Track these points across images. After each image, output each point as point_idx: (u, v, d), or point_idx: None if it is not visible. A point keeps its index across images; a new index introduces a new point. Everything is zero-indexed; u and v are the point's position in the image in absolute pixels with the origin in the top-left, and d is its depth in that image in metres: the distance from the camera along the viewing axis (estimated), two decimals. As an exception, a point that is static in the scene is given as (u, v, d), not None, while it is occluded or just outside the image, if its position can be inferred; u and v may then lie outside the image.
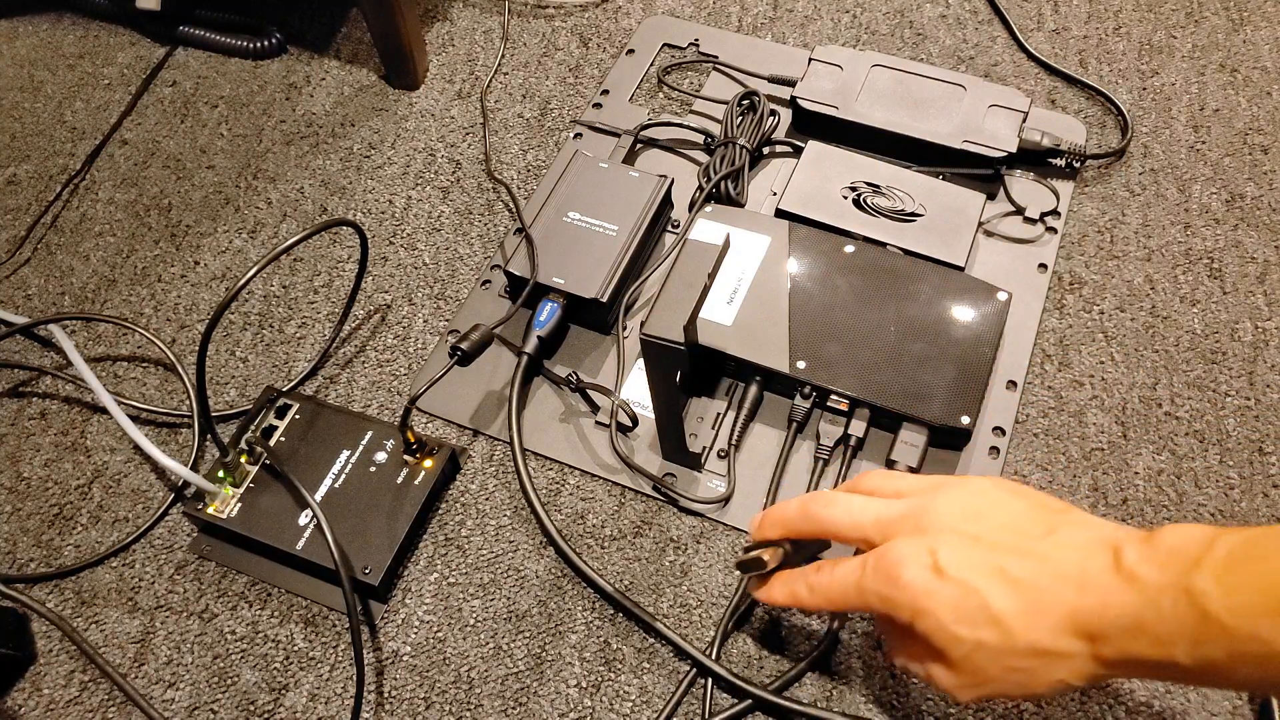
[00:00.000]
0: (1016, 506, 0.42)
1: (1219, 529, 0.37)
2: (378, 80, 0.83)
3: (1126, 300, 0.66)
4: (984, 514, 0.42)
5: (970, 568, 0.40)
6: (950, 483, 0.44)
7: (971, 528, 0.41)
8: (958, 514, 0.42)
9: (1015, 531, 0.41)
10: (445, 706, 0.54)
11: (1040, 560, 0.40)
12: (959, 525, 0.42)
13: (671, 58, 0.82)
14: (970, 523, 0.42)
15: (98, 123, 0.82)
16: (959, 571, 0.40)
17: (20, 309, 0.71)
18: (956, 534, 0.41)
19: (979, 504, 0.42)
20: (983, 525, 0.41)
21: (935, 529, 0.42)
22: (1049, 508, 0.42)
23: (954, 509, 0.42)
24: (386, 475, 0.60)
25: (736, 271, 0.64)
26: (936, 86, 0.72)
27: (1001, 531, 0.41)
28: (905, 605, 0.41)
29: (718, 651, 0.54)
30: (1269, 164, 0.72)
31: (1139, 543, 0.38)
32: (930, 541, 0.41)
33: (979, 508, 0.42)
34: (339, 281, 0.71)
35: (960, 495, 0.43)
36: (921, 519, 0.42)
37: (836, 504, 0.45)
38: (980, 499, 0.43)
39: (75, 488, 0.63)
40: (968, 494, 0.43)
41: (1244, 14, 0.81)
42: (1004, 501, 0.42)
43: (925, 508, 0.43)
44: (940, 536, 0.41)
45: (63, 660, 0.57)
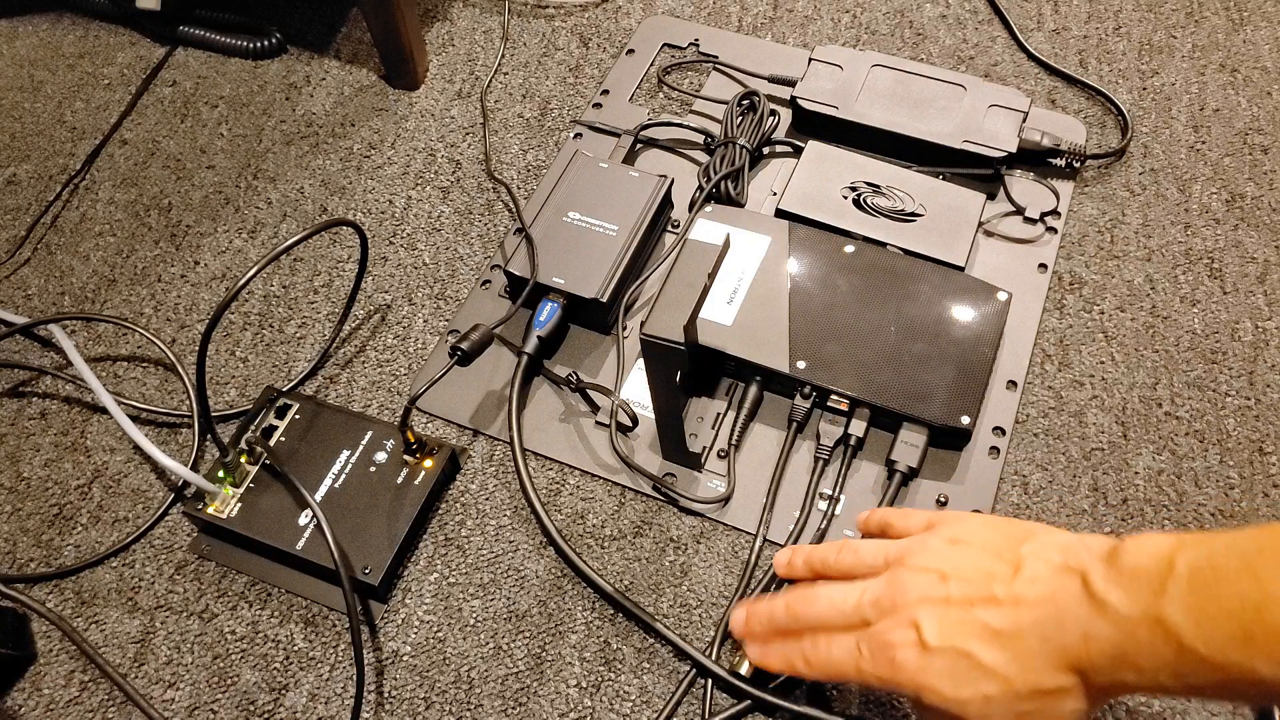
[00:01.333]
0: (974, 555, 0.43)
1: (1178, 539, 0.37)
2: (378, 80, 0.83)
3: (1126, 300, 0.66)
4: (949, 571, 0.43)
5: (952, 634, 0.41)
6: (911, 546, 0.45)
7: (940, 590, 0.42)
8: (925, 581, 0.43)
9: (983, 579, 0.42)
10: (445, 706, 0.54)
11: (1014, 605, 0.40)
12: (929, 592, 0.42)
13: (671, 58, 0.82)
14: (939, 585, 0.42)
15: (98, 123, 0.82)
16: (944, 641, 0.41)
17: (20, 309, 0.71)
18: (930, 602, 0.42)
19: (942, 562, 0.43)
20: (951, 585, 0.42)
21: (910, 604, 0.43)
22: (1007, 542, 0.42)
23: (919, 578, 0.43)
24: (386, 475, 0.60)
25: (736, 271, 0.64)
26: (936, 86, 0.72)
27: (969, 585, 0.42)
28: (907, 686, 0.42)
29: (718, 651, 0.54)
30: (1269, 164, 0.72)
31: (1102, 563, 0.38)
32: (910, 616, 0.42)
33: (943, 566, 0.43)
34: (339, 281, 0.71)
35: (924, 559, 0.44)
36: (896, 596, 0.44)
37: (819, 601, 0.46)
38: (942, 556, 0.43)
39: (75, 488, 0.63)
40: (930, 555, 0.44)
41: (1244, 14, 0.81)
42: (964, 551, 0.43)
43: (897, 583, 0.44)
44: (918, 610, 0.42)
45: (63, 660, 0.57)
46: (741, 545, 0.58)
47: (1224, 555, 0.35)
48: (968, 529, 0.44)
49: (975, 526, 0.44)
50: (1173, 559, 0.36)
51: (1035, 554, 0.41)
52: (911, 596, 0.43)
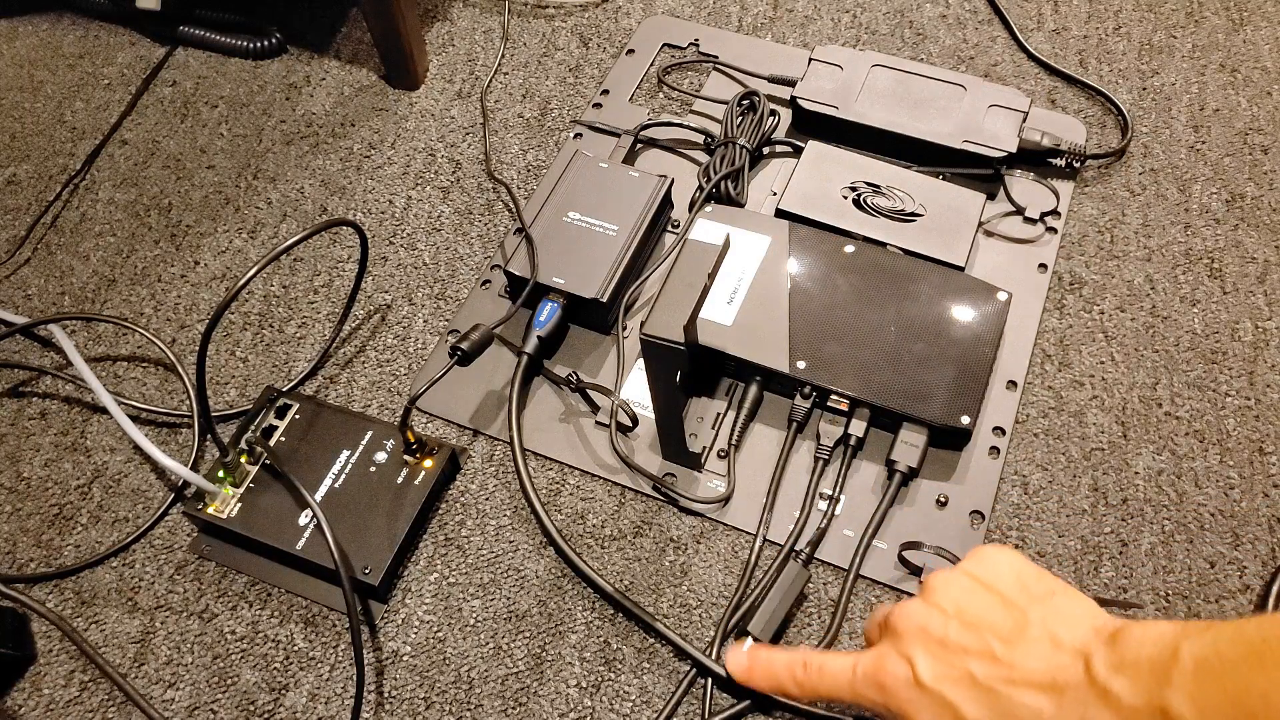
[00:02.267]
0: (985, 602, 0.42)
1: (1181, 628, 0.36)
2: (378, 80, 0.83)
3: (1126, 300, 0.66)
4: (954, 612, 0.42)
5: (943, 678, 0.41)
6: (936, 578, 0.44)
7: (940, 629, 0.42)
8: (929, 616, 0.43)
9: (982, 631, 0.41)
10: (445, 706, 0.54)
11: (1009, 668, 0.40)
12: (930, 627, 0.42)
13: (671, 58, 0.82)
14: (940, 623, 0.42)
15: (98, 123, 0.82)
16: (934, 683, 0.41)
17: (20, 309, 0.71)
18: (926, 639, 0.42)
19: (955, 600, 0.43)
20: (950, 627, 0.42)
21: (909, 633, 0.43)
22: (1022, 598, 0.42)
23: (927, 612, 0.43)
24: (386, 475, 0.60)
25: (736, 271, 0.64)
26: (936, 86, 0.72)
27: (969, 634, 0.41)
28: (896, 712, 0.43)
29: (718, 651, 0.54)
30: (1269, 164, 0.72)
31: (1105, 647, 0.38)
32: (907, 648, 0.42)
33: (953, 604, 0.43)
34: (339, 281, 0.71)
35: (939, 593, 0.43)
36: (898, 621, 0.44)
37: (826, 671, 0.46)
38: (957, 592, 0.43)
39: (75, 488, 0.63)
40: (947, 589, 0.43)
41: (1244, 14, 0.81)
42: (978, 595, 0.42)
43: (905, 610, 0.44)
44: (913, 644, 0.42)
45: (63, 660, 0.57)
46: (741, 545, 0.58)
47: (1229, 645, 0.34)
48: (995, 570, 0.43)
49: (1003, 569, 0.43)
50: (1177, 648, 0.35)
51: (1042, 621, 0.40)
52: (911, 625, 0.43)
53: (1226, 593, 0.55)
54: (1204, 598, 0.55)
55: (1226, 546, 0.57)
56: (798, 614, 0.56)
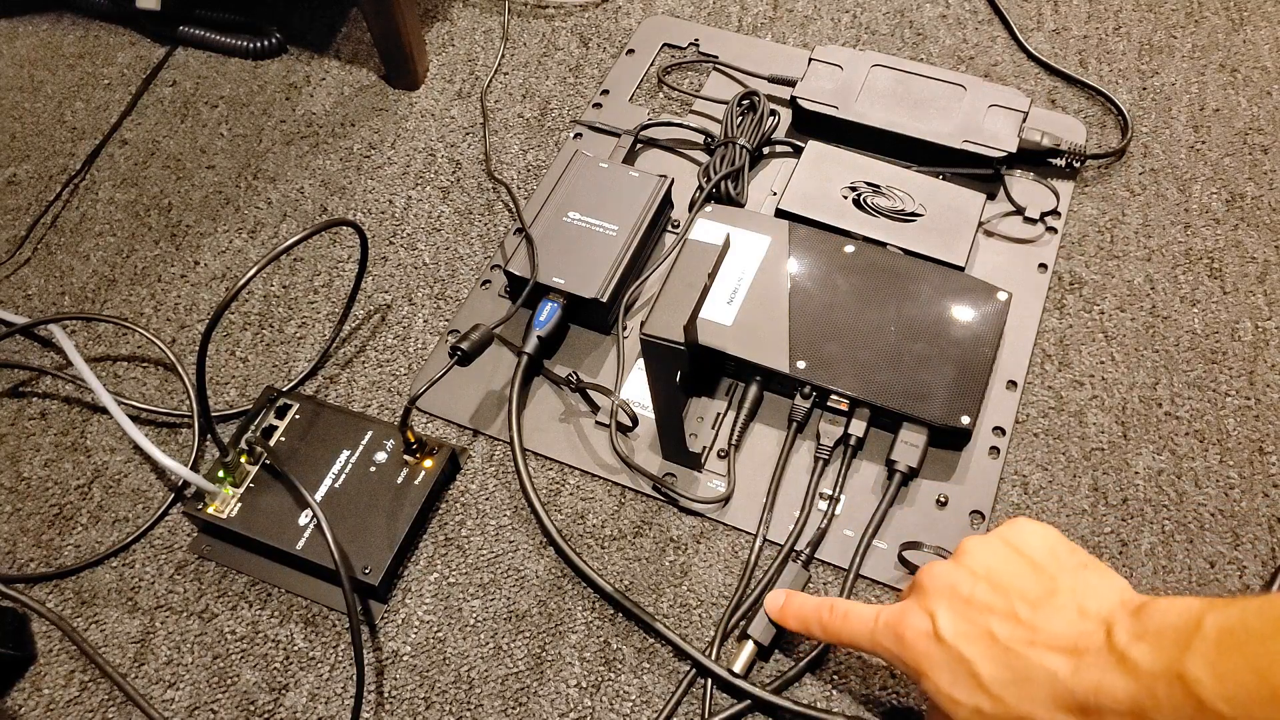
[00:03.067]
0: (1015, 565, 0.42)
1: (1208, 602, 0.36)
2: (378, 80, 0.83)
3: (1126, 300, 0.66)
4: (984, 573, 0.42)
5: (963, 635, 0.41)
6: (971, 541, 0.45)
7: (967, 587, 0.42)
8: (958, 575, 0.43)
9: (1010, 594, 0.41)
10: (445, 706, 0.54)
11: (1029, 629, 0.40)
12: (957, 585, 0.43)
13: (671, 58, 0.82)
14: (967, 582, 0.42)
15: (98, 123, 0.82)
16: (953, 638, 0.41)
17: (20, 309, 0.71)
18: (952, 597, 0.42)
19: (984, 561, 0.43)
20: (978, 587, 0.42)
21: (935, 590, 0.43)
22: (1053, 566, 0.42)
23: (955, 571, 0.43)
24: (386, 475, 0.60)
25: (736, 271, 0.64)
26: (936, 86, 0.72)
27: (995, 594, 0.42)
28: (910, 665, 0.43)
29: (717, 651, 0.54)
30: (1269, 164, 0.72)
31: (1129, 617, 0.38)
32: (930, 604, 0.43)
33: (982, 566, 0.43)
34: (339, 281, 0.71)
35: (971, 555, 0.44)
36: (926, 580, 0.44)
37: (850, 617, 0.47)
38: (988, 555, 0.43)
39: (75, 488, 0.63)
40: (978, 552, 0.44)
41: (1244, 14, 0.81)
42: (1010, 559, 0.43)
43: (933, 569, 0.44)
44: (938, 600, 0.43)
45: (63, 660, 0.57)
46: (741, 545, 0.58)
47: (1255, 617, 0.34)
48: (1028, 538, 0.43)
49: (1037, 539, 0.43)
50: (1201, 619, 0.35)
51: (1070, 589, 0.41)
52: (939, 583, 0.43)
53: (1226, 593, 0.55)
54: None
55: (1226, 546, 0.57)
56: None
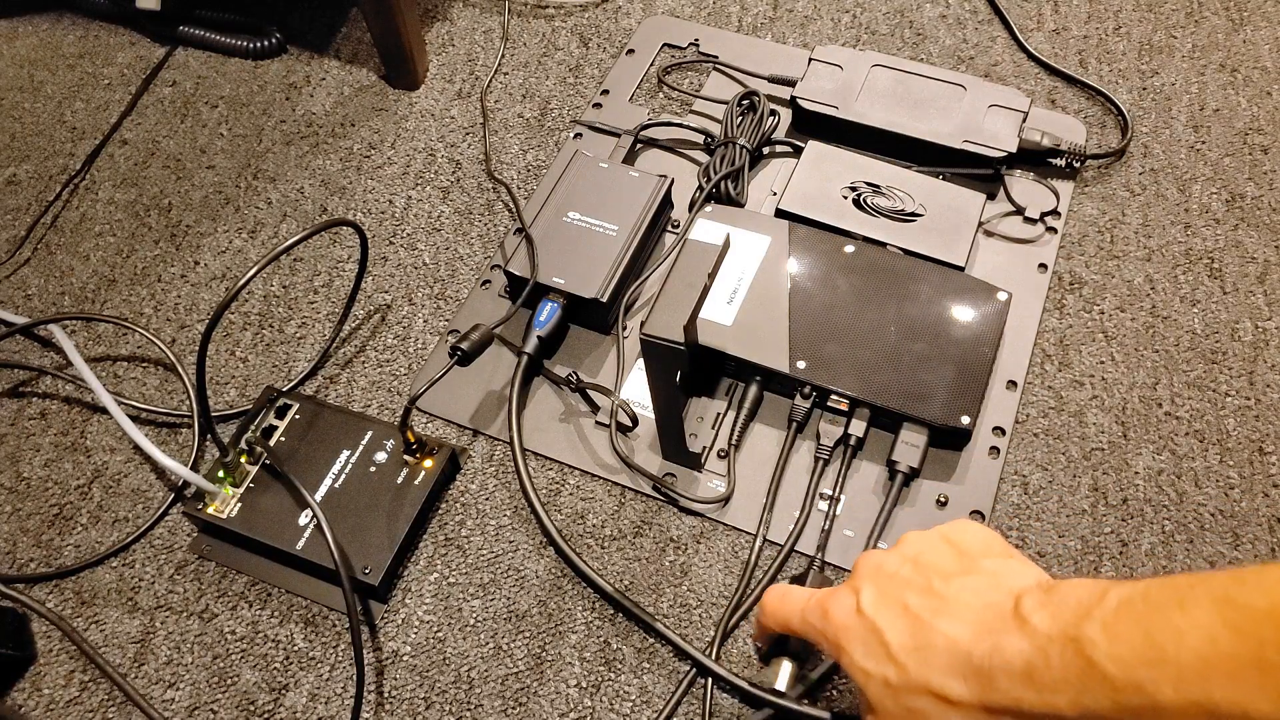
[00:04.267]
0: (943, 551, 0.43)
1: (1115, 581, 0.37)
2: (378, 80, 0.83)
3: (1126, 300, 0.66)
4: (913, 557, 0.43)
5: (880, 605, 0.42)
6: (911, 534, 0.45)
7: (892, 568, 0.43)
8: (889, 560, 0.44)
9: (930, 571, 0.42)
10: (445, 706, 0.54)
11: (939, 599, 0.40)
12: (883, 566, 0.43)
13: (671, 58, 0.82)
14: (893, 564, 0.43)
15: (98, 123, 0.82)
16: (871, 610, 0.42)
17: (20, 309, 0.71)
18: (877, 575, 0.43)
19: (917, 549, 0.44)
20: (904, 567, 0.43)
21: (863, 572, 0.44)
22: (978, 551, 0.42)
23: (889, 557, 0.44)
24: (386, 475, 0.60)
25: (736, 271, 0.64)
26: (936, 86, 0.72)
27: (917, 571, 0.42)
28: (831, 640, 0.43)
29: (718, 651, 0.54)
30: (1269, 164, 0.72)
31: (1040, 591, 0.38)
32: (858, 582, 0.43)
33: (913, 552, 0.43)
34: (339, 281, 0.71)
35: (908, 544, 0.44)
36: (861, 564, 0.45)
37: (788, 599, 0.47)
38: (922, 545, 0.44)
39: (75, 488, 0.63)
40: (915, 542, 0.44)
41: (1244, 14, 0.81)
42: (939, 547, 0.43)
43: (864, 557, 0.45)
44: (865, 579, 0.43)
45: (63, 660, 0.57)
46: (741, 545, 0.58)
47: (1157, 590, 0.35)
48: (962, 532, 0.44)
49: (970, 534, 0.44)
50: (1106, 591, 0.36)
51: (987, 570, 0.41)
52: (869, 565, 0.44)
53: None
54: (1204, 598, 0.55)
55: (1226, 546, 0.57)
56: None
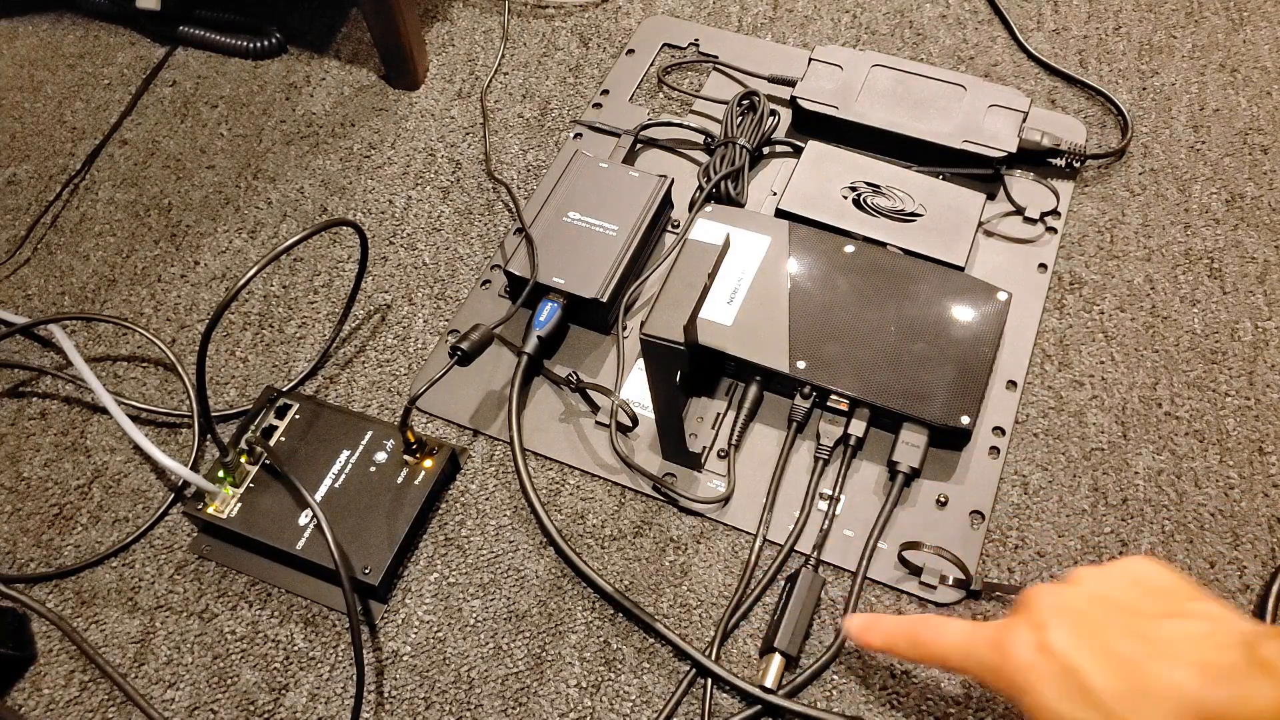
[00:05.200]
0: (1137, 590, 0.41)
1: None
2: (378, 80, 0.83)
3: (1126, 300, 0.66)
4: (1100, 595, 0.41)
5: (1074, 647, 0.39)
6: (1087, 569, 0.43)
7: (1080, 605, 0.41)
8: (1070, 595, 0.41)
9: (1129, 613, 0.39)
10: (445, 706, 0.54)
11: (1152, 643, 0.38)
12: (1070, 604, 0.41)
13: (671, 58, 0.82)
14: (1081, 601, 0.41)
15: (98, 123, 0.82)
16: (1064, 650, 0.39)
17: (20, 309, 0.71)
18: (1067, 614, 0.40)
19: (1102, 586, 0.41)
20: (1095, 608, 0.40)
21: (1045, 607, 0.41)
22: (1178, 593, 0.40)
23: (1067, 592, 0.42)
24: (386, 475, 0.60)
25: (736, 271, 0.64)
26: (936, 86, 0.72)
27: (1112, 610, 0.40)
28: (1010, 679, 0.41)
29: (718, 651, 0.54)
30: (1269, 164, 0.72)
31: (1272, 638, 0.36)
32: (1040, 617, 0.41)
33: (1099, 590, 0.41)
34: (339, 281, 0.71)
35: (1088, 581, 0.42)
36: (1033, 599, 0.42)
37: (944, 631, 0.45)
38: (1106, 581, 0.42)
39: (75, 488, 0.63)
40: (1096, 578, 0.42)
41: (1244, 14, 0.81)
42: (1131, 587, 0.41)
43: (1040, 591, 0.42)
44: (1051, 617, 0.41)
45: (63, 660, 0.57)
46: (741, 545, 0.58)
47: None
48: (1148, 570, 0.41)
49: (1157, 573, 0.41)
50: None
51: (1199, 613, 0.39)
52: (1049, 600, 0.41)
53: (1226, 593, 0.55)
54: (1204, 598, 0.55)
55: (1226, 546, 0.57)
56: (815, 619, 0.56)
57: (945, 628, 0.44)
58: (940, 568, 0.56)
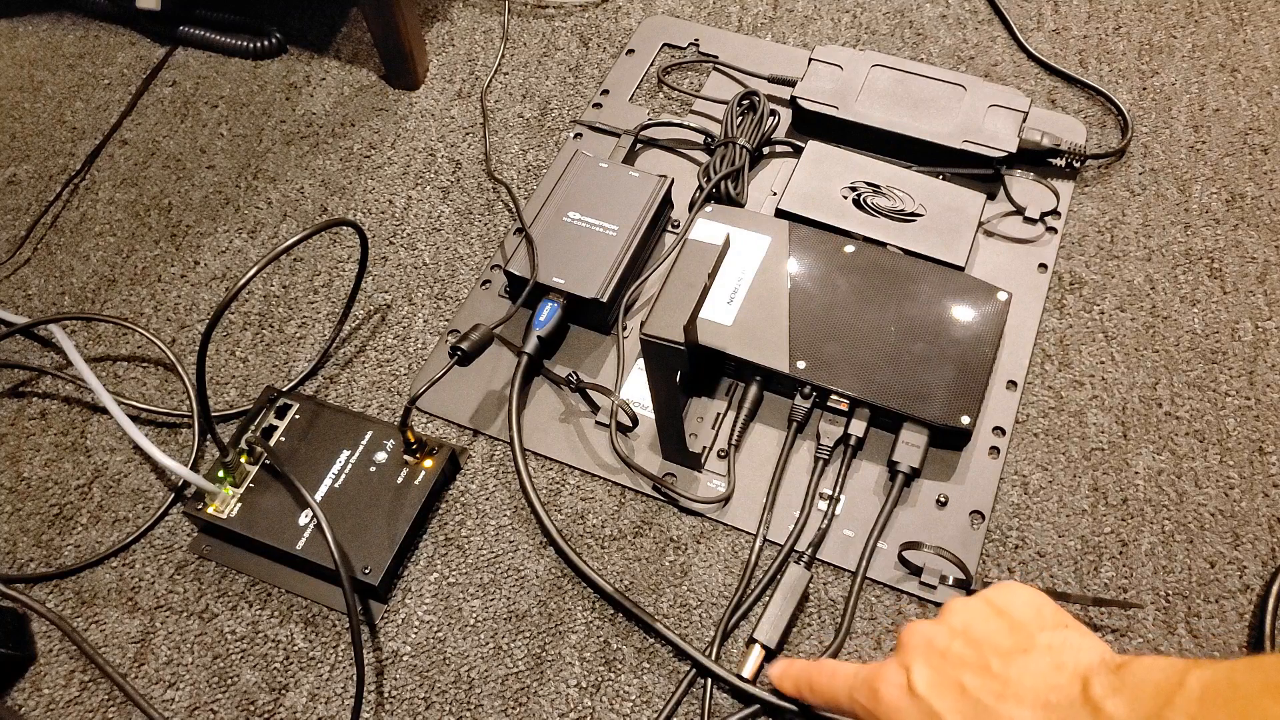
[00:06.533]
0: (994, 623, 0.41)
1: (1194, 661, 0.35)
2: (378, 80, 0.83)
3: (1126, 300, 0.66)
4: (962, 630, 0.42)
5: (935, 687, 0.40)
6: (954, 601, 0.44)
7: (943, 643, 0.42)
8: (937, 632, 0.42)
9: (986, 648, 0.40)
10: (445, 706, 0.54)
11: (1000, 681, 0.39)
12: (935, 642, 0.42)
13: (671, 58, 0.82)
14: (945, 639, 0.42)
15: (98, 123, 0.82)
16: (925, 691, 0.40)
17: (20, 309, 0.71)
18: (928, 651, 0.42)
19: (964, 619, 0.42)
20: (954, 642, 0.41)
21: (913, 647, 0.42)
22: (1033, 623, 0.41)
23: (935, 628, 0.43)
24: (386, 475, 0.60)
25: (736, 271, 0.64)
26: (936, 86, 0.72)
27: (971, 648, 0.41)
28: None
29: (717, 651, 0.54)
30: (1269, 164, 0.72)
31: (1108, 673, 0.36)
32: (907, 659, 0.42)
33: (961, 624, 0.42)
34: (339, 281, 0.71)
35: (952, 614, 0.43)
36: (907, 637, 0.43)
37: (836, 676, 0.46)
38: (969, 614, 0.42)
39: (75, 488, 0.63)
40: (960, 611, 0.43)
41: (1244, 14, 0.81)
42: (990, 618, 0.42)
43: (915, 628, 0.43)
44: (915, 654, 0.42)
45: (63, 660, 0.57)
46: (741, 545, 0.58)
47: (1244, 675, 0.32)
48: (1012, 598, 0.42)
49: (1021, 599, 0.42)
50: (1185, 675, 0.34)
51: (1047, 646, 0.39)
52: (917, 639, 0.42)
53: (1226, 593, 0.55)
54: (1204, 598, 0.55)
55: (1226, 546, 0.57)
56: (800, 615, 0.56)
57: (836, 672, 0.46)
58: (940, 568, 0.56)
